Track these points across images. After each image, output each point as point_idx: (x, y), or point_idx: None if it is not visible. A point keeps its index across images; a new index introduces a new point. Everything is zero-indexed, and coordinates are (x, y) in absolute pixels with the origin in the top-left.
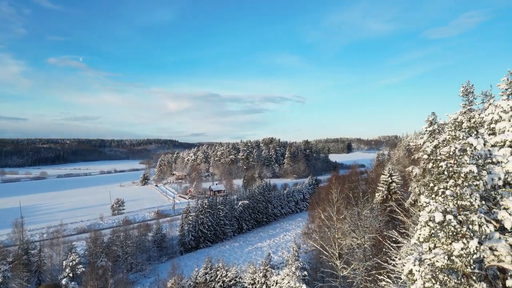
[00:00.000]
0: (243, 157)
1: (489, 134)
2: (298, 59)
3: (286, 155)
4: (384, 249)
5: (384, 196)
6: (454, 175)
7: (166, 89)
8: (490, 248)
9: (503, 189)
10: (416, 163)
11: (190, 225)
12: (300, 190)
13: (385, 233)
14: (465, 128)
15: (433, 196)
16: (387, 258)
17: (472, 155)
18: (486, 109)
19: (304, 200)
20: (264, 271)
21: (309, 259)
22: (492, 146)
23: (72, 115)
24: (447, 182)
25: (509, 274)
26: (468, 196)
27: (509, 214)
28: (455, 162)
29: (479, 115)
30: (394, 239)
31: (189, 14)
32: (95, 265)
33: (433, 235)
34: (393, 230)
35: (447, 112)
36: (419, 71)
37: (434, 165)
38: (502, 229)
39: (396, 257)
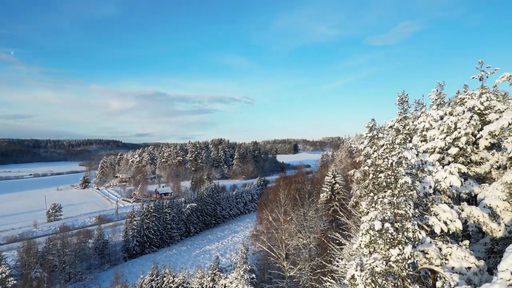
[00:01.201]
0: (191, 158)
1: (421, 141)
2: (247, 60)
3: (235, 156)
4: (328, 250)
5: (328, 197)
6: (391, 186)
7: (109, 87)
8: (422, 252)
9: (434, 196)
10: (357, 166)
11: (134, 230)
12: (249, 191)
13: (329, 234)
14: (401, 140)
15: (373, 205)
16: (331, 259)
17: (407, 166)
18: (419, 117)
19: (252, 201)
20: (212, 275)
21: (257, 260)
22: (424, 152)
23: (2, 113)
24: (385, 192)
25: (438, 275)
26: (403, 206)
27: (438, 220)
28: (392, 173)
29: (413, 122)
30: (338, 241)
31: (135, 10)
32: (29, 277)
33: (373, 241)
34: (337, 233)
35: (387, 116)
36: (363, 75)
37: (374, 176)
38: (432, 233)
39: (339, 258)
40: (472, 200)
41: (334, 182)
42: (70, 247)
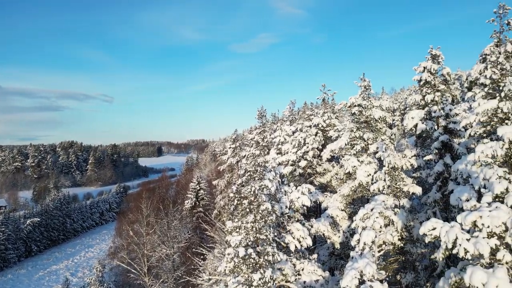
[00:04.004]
0: (33, 164)
1: (277, 153)
2: (104, 55)
3: (90, 161)
4: (192, 263)
5: (193, 203)
6: (254, 211)
7: None
8: (279, 269)
9: (289, 213)
10: (221, 175)
11: None
12: (106, 199)
13: (193, 249)
14: (262, 162)
15: (237, 230)
16: (195, 272)
17: (267, 192)
18: (275, 131)
19: (110, 210)
20: None
21: (116, 277)
22: (279, 164)
23: None
24: (249, 217)
25: None
26: (264, 231)
27: (293, 238)
28: (255, 199)
29: (270, 135)
30: (202, 256)
31: None
32: None
33: (237, 267)
34: (200, 248)
35: (248, 119)
36: (227, 80)
37: (238, 202)
38: (288, 249)
39: (203, 272)
40: (318, 207)
41: (199, 188)
42: None
